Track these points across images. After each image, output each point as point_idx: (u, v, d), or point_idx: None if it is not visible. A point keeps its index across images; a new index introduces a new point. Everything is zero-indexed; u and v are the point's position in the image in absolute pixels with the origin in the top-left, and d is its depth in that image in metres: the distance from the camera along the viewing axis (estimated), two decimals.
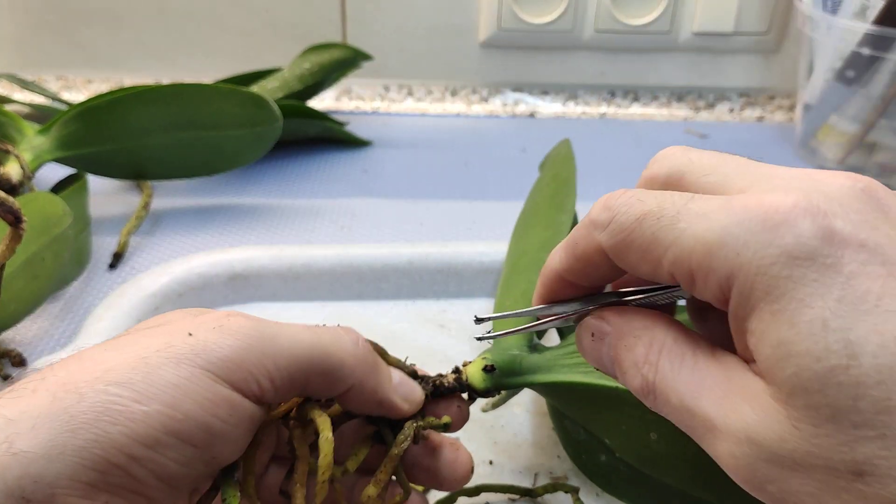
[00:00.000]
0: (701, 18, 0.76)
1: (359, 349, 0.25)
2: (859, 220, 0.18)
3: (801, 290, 0.18)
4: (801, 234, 0.18)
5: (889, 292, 0.17)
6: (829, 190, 0.19)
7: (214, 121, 0.54)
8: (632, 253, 0.21)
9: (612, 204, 0.22)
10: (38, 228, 0.43)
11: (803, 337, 0.18)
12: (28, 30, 0.78)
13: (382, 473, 0.26)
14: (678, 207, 0.20)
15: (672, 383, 0.21)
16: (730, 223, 0.19)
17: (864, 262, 0.18)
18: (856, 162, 0.68)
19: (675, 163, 0.23)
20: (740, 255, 0.19)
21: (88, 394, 0.20)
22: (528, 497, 0.35)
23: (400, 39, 0.79)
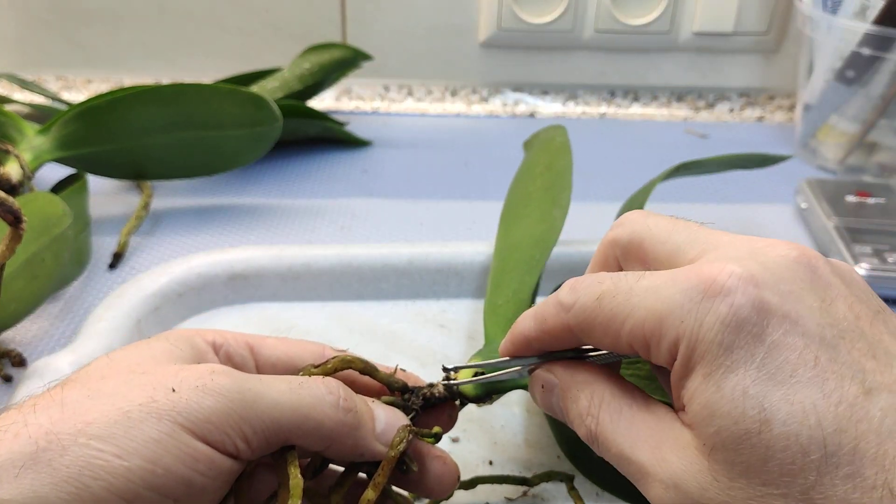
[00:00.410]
0: (701, 18, 0.76)
1: (338, 412, 0.25)
2: (787, 290, 0.20)
3: (730, 357, 0.20)
4: (734, 304, 0.20)
5: (803, 363, 0.19)
6: (765, 260, 0.21)
7: (214, 121, 0.54)
8: (595, 330, 0.23)
9: (576, 287, 0.24)
10: (38, 228, 0.43)
11: (726, 401, 0.20)
12: (28, 30, 0.78)
13: (380, 477, 0.27)
14: (631, 285, 0.22)
15: (611, 435, 0.23)
16: (675, 294, 0.21)
17: (786, 332, 0.20)
18: (856, 162, 0.68)
19: (636, 228, 0.25)
20: (684, 323, 0.21)
21: (71, 447, 0.21)
22: (524, 490, 0.35)
23: (400, 39, 0.79)
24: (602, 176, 0.67)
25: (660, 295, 0.21)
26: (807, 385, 0.19)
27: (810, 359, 0.19)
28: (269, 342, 0.29)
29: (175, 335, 0.27)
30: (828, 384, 0.19)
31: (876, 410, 0.19)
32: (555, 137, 0.50)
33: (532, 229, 0.42)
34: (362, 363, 0.28)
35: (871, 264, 0.50)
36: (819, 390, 0.19)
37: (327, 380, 0.26)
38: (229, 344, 0.28)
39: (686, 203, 0.62)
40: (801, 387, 0.19)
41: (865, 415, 0.19)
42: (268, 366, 0.29)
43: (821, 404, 0.19)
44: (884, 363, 0.20)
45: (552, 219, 0.42)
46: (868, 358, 0.20)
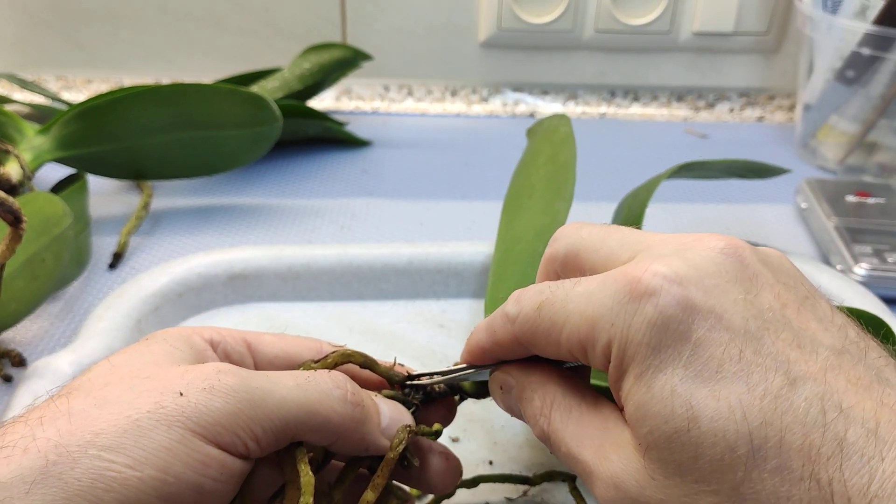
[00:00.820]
0: (701, 18, 0.76)
1: (346, 406, 0.25)
2: (712, 285, 0.21)
3: (658, 357, 0.20)
4: (659, 304, 0.20)
5: (729, 358, 0.20)
6: (691, 256, 0.21)
7: (214, 121, 0.54)
8: (538, 339, 0.24)
9: (520, 298, 0.25)
10: (38, 228, 0.43)
11: (656, 401, 0.20)
12: (28, 30, 0.78)
13: (379, 478, 0.27)
14: (567, 291, 0.23)
15: (561, 434, 0.24)
16: (605, 298, 0.22)
17: (711, 328, 0.20)
18: (856, 162, 0.68)
19: (571, 241, 0.26)
20: (614, 326, 0.21)
21: (82, 459, 0.21)
22: (524, 489, 0.35)
23: (400, 39, 0.79)
24: (602, 176, 0.67)
25: (591, 300, 0.22)
26: (732, 380, 0.19)
27: (735, 353, 0.20)
28: (267, 339, 0.29)
29: (173, 335, 0.27)
30: (752, 377, 0.19)
31: (800, 401, 0.19)
32: (559, 127, 0.49)
33: (535, 221, 0.41)
34: (362, 357, 0.29)
35: (871, 264, 0.50)
36: (744, 384, 0.19)
37: (333, 374, 0.26)
38: (227, 341, 0.28)
39: (686, 203, 0.62)
40: (727, 382, 0.19)
41: (790, 406, 0.19)
42: (265, 362, 0.29)
43: (746, 398, 0.19)
44: (808, 351, 0.20)
45: (555, 211, 0.41)
46: (793, 348, 0.20)
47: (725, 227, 0.59)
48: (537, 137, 0.51)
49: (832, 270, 0.48)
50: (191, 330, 0.28)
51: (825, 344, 0.20)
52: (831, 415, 0.19)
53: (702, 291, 0.20)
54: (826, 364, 0.20)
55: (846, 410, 0.19)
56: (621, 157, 0.71)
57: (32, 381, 0.37)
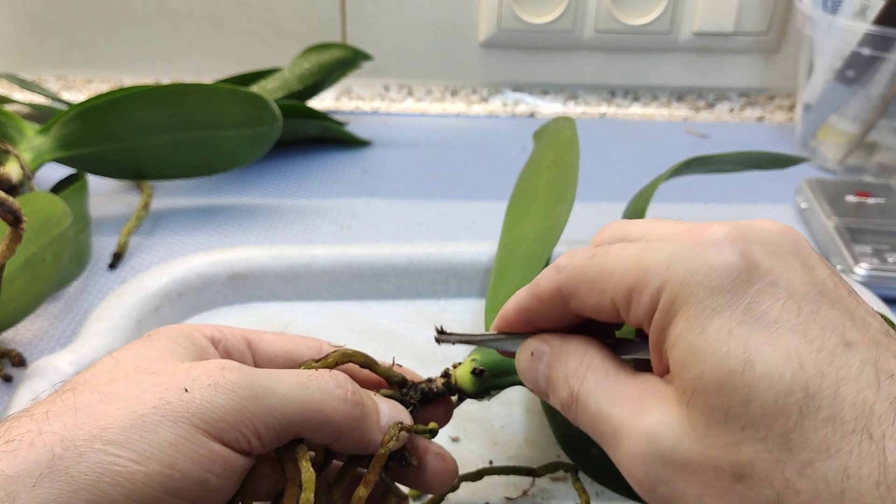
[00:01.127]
0: (701, 18, 0.76)
1: (346, 405, 0.26)
2: (773, 250, 0.21)
3: (715, 301, 0.20)
4: (722, 254, 0.20)
5: (787, 311, 0.20)
6: (756, 226, 0.22)
7: (214, 121, 0.54)
8: (581, 287, 0.24)
9: (574, 252, 0.24)
10: (38, 228, 0.43)
11: (710, 342, 0.20)
12: (28, 30, 0.78)
13: (371, 474, 0.27)
14: (623, 246, 0.23)
15: (594, 392, 0.23)
16: (664, 247, 0.22)
17: (771, 283, 0.20)
18: (856, 162, 0.68)
19: (616, 230, 0.26)
20: (670, 268, 0.21)
21: (88, 453, 0.21)
22: (524, 489, 0.35)
23: (400, 39, 0.79)
24: (602, 176, 0.67)
25: (650, 249, 0.22)
26: (790, 331, 0.19)
27: (794, 308, 0.20)
28: (267, 338, 0.29)
29: (175, 331, 0.27)
30: (810, 332, 0.19)
31: (855, 360, 0.19)
32: (563, 130, 0.49)
33: (536, 225, 0.42)
34: (362, 357, 0.29)
35: (871, 264, 0.50)
36: (802, 337, 0.19)
37: (335, 373, 0.26)
38: (227, 339, 0.28)
39: (686, 203, 0.62)
40: (785, 332, 0.19)
41: (846, 363, 0.19)
42: (265, 361, 0.29)
43: (804, 349, 0.19)
44: (860, 324, 0.20)
45: (556, 214, 0.41)
46: (847, 318, 0.20)
47: None
48: (542, 141, 0.51)
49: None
50: (192, 327, 0.28)
51: (873, 325, 0.21)
52: (884, 378, 0.19)
53: (765, 251, 0.21)
54: (876, 338, 0.20)
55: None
56: (621, 157, 0.71)
57: (32, 381, 0.37)
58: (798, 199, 0.61)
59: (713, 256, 0.20)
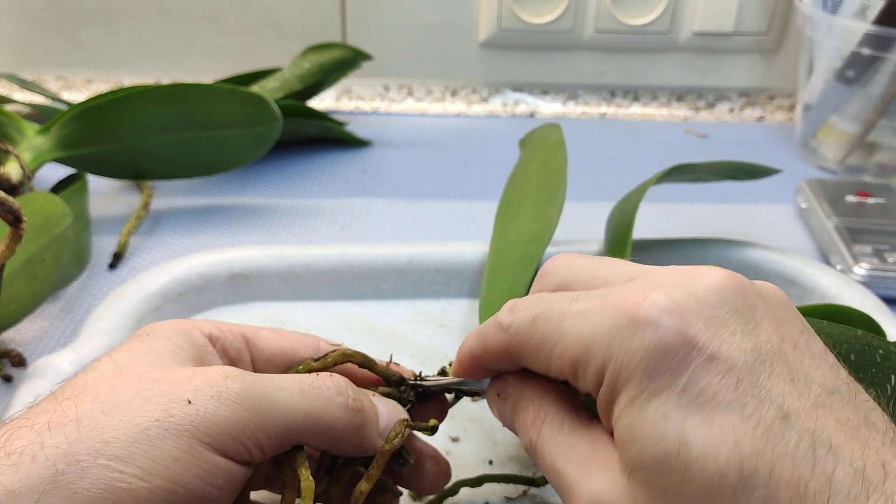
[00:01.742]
0: (701, 18, 0.76)
1: (347, 413, 0.26)
2: (712, 316, 0.21)
3: (654, 383, 0.20)
4: (658, 334, 0.20)
5: (725, 387, 0.20)
6: (691, 285, 0.21)
7: (214, 121, 0.54)
8: (528, 351, 0.24)
9: (515, 308, 0.25)
10: (38, 228, 0.43)
11: (648, 423, 0.20)
12: (28, 30, 0.78)
13: (374, 469, 0.27)
14: (563, 308, 0.23)
15: (549, 447, 0.24)
16: (602, 320, 0.22)
17: (709, 358, 0.20)
18: (856, 162, 0.68)
19: (561, 276, 0.26)
20: (610, 348, 0.21)
21: (91, 469, 0.21)
22: (524, 488, 0.35)
23: (400, 39, 0.79)
24: (602, 176, 0.67)
25: (588, 321, 0.22)
26: (726, 409, 0.19)
27: (732, 383, 0.20)
28: (265, 335, 0.29)
29: (173, 330, 0.27)
30: (747, 408, 0.19)
31: (792, 435, 0.19)
32: (550, 136, 0.50)
33: (527, 227, 0.42)
34: (361, 357, 0.29)
35: (871, 264, 0.50)
36: (738, 414, 0.19)
37: (336, 379, 0.26)
38: (225, 337, 0.28)
39: (686, 203, 0.62)
40: (721, 410, 0.19)
41: (782, 439, 0.19)
42: (262, 359, 0.29)
43: (739, 428, 0.19)
44: (802, 386, 0.20)
45: (547, 216, 0.42)
46: (787, 382, 0.20)
47: (725, 227, 0.59)
48: (529, 147, 0.52)
49: (832, 270, 0.48)
50: (191, 324, 0.28)
51: (818, 381, 0.21)
52: (821, 451, 0.19)
53: (701, 322, 0.21)
54: (818, 401, 0.20)
55: (835, 448, 0.19)
56: (621, 157, 0.71)
57: (32, 381, 0.37)
58: (798, 199, 0.61)
59: (650, 338, 0.20)
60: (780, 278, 0.48)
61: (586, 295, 0.23)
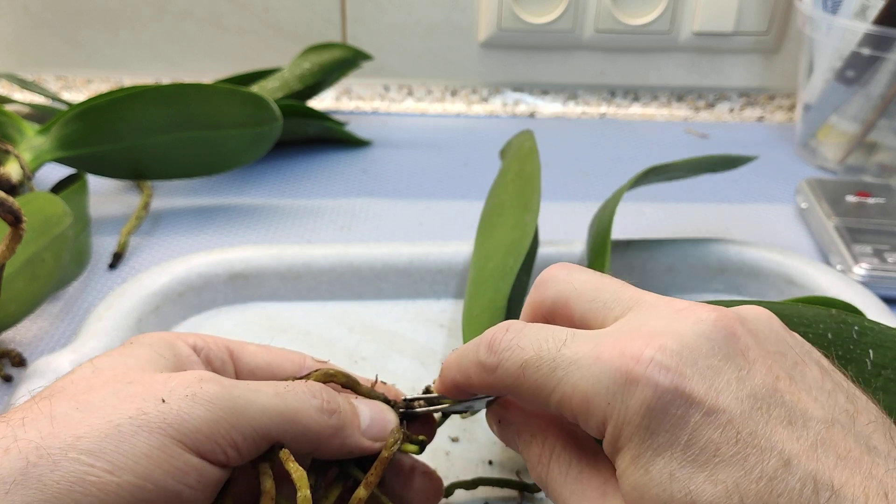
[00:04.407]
0: (701, 18, 0.76)
1: (322, 415, 0.26)
2: (706, 366, 0.21)
3: (655, 441, 0.21)
4: (656, 390, 0.20)
5: (725, 441, 0.20)
6: (684, 333, 0.22)
7: (214, 121, 0.54)
8: (521, 395, 0.24)
9: (496, 347, 0.24)
10: (38, 228, 0.43)
11: (654, 484, 0.20)
12: (28, 30, 0.78)
13: (372, 476, 0.27)
14: (553, 354, 0.23)
15: (559, 487, 0.24)
16: (599, 375, 0.22)
17: (707, 412, 0.20)
18: (856, 162, 0.68)
19: (560, 288, 0.26)
20: (610, 405, 0.21)
21: (62, 462, 0.21)
22: (525, 493, 0.35)
23: (400, 39, 0.79)
24: (602, 176, 0.67)
25: (584, 372, 0.22)
26: (729, 463, 0.20)
27: (732, 436, 0.20)
28: (250, 349, 0.29)
29: (157, 340, 0.27)
30: (749, 460, 0.20)
31: (795, 482, 0.19)
32: (523, 143, 0.50)
33: (505, 237, 0.42)
34: (344, 377, 0.29)
35: (871, 264, 0.50)
36: (741, 467, 0.20)
37: (310, 383, 0.26)
38: (210, 348, 0.28)
39: (685, 203, 0.62)
40: (724, 466, 0.20)
41: (785, 487, 0.19)
42: (246, 372, 0.29)
43: (743, 482, 0.19)
44: (800, 426, 0.20)
45: (524, 224, 0.42)
46: (786, 425, 0.20)
47: (725, 226, 0.59)
48: (507, 156, 0.52)
49: (832, 270, 0.48)
50: (175, 335, 0.28)
51: (816, 417, 0.21)
52: (824, 495, 0.19)
53: (698, 375, 0.21)
54: (817, 439, 0.20)
55: (838, 490, 0.19)
56: (621, 157, 0.71)
57: (32, 381, 0.37)
58: (798, 199, 0.61)
59: (648, 396, 0.21)
60: (780, 278, 0.49)
61: (574, 337, 0.23)
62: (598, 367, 0.22)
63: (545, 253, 0.49)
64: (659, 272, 0.50)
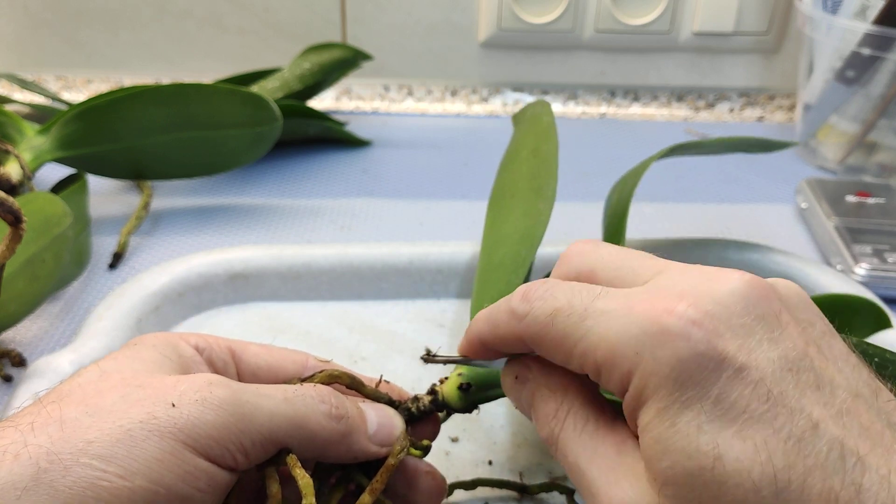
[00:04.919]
0: (701, 18, 0.76)
1: (330, 421, 0.26)
2: (739, 325, 0.21)
3: (685, 394, 0.20)
4: (689, 344, 0.20)
5: (756, 398, 0.20)
6: (717, 294, 0.21)
7: (214, 121, 0.54)
8: (546, 345, 0.23)
9: (529, 296, 0.24)
10: (38, 228, 0.43)
11: (680, 436, 0.20)
12: (28, 30, 0.78)
13: (378, 483, 0.27)
14: (585, 304, 0.22)
15: (571, 444, 0.23)
16: (629, 325, 0.21)
17: (739, 369, 0.20)
18: (856, 162, 0.68)
19: (587, 259, 0.25)
20: (639, 355, 0.21)
21: (73, 467, 0.21)
22: (524, 494, 0.35)
23: (400, 39, 0.79)
24: (602, 176, 0.67)
25: (613, 323, 0.22)
26: (758, 421, 0.19)
27: (763, 394, 0.20)
28: (252, 349, 0.29)
29: (160, 341, 0.27)
30: (778, 419, 0.19)
31: (822, 445, 0.19)
32: (542, 116, 0.47)
33: (518, 224, 0.40)
34: (349, 378, 0.29)
35: (871, 264, 0.50)
36: (770, 426, 0.19)
37: (319, 387, 0.26)
38: (212, 349, 0.28)
39: (685, 203, 0.62)
40: (754, 423, 0.20)
41: (812, 449, 0.19)
42: (248, 373, 0.29)
43: (771, 440, 0.19)
44: (828, 393, 0.20)
45: (538, 212, 0.40)
46: (814, 390, 0.20)
47: (725, 227, 0.59)
48: (522, 126, 0.49)
49: (832, 270, 0.48)
50: (177, 336, 0.28)
51: (842, 385, 0.21)
52: (850, 461, 0.19)
53: (730, 332, 0.20)
54: (843, 407, 0.20)
55: (863, 457, 0.19)
56: (621, 157, 0.71)
57: (32, 381, 0.37)
58: (798, 199, 0.61)
59: (681, 349, 0.20)
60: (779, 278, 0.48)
61: (608, 293, 0.23)
62: (630, 318, 0.21)
63: (545, 253, 0.48)
64: None
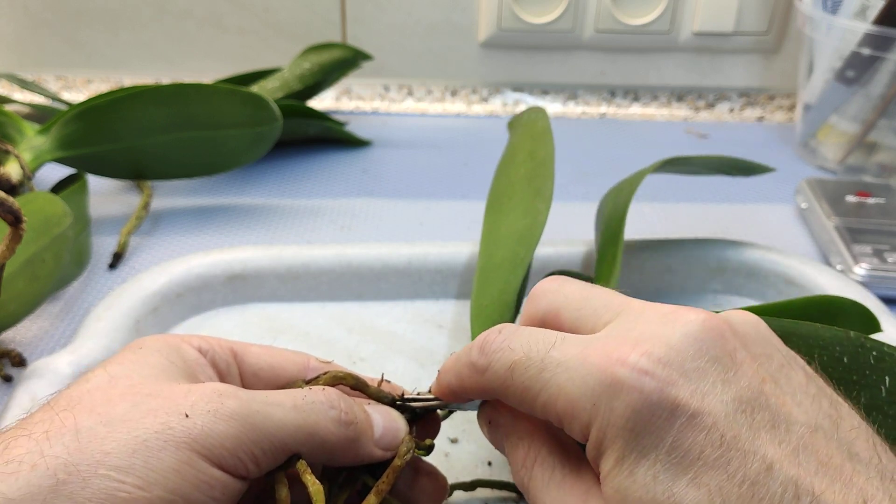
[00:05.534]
0: (701, 18, 0.76)
1: (340, 427, 0.26)
2: (693, 368, 0.21)
3: (640, 444, 0.21)
4: (642, 395, 0.21)
5: (710, 444, 0.20)
6: (671, 335, 0.22)
7: (214, 121, 0.54)
8: (509, 397, 0.24)
9: (486, 349, 0.25)
10: (38, 228, 0.43)
11: (638, 486, 0.20)
12: (28, 30, 0.78)
13: (384, 484, 0.27)
14: (542, 355, 0.23)
15: (540, 493, 0.24)
16: (586, 377, 0.22)
17: (692, 415, 0.20)
18: (856, 162, 0.68)
19: (552, 299, 0.26)
20: (595, 406, 0.21)
21: (92, 479, 0.21)
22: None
23: (400, 39, 0.79)
24: (602, 176, 0.67)
25: (570, 374, 0.22)
26: (712, 467, 0.20)
27: (716, 439, 0.20)
28: (254, 350, 0.29)
29: (164, 345, 0.27)
30: (732, 464, 0.20)
31: (776, 486, 0.19)
32: (537, 121, 0.48)
33: (516, 224, 0.41)
34: (353, 379, 0.29)
35: (871, 264, 0.50)
36: (724, 471, 0.20)
37: (328, 392, 0.26)
38: (214, 350, 0.28)
39: (685, 203, 0.62)
40: (707, 469, 0.20)
41: (767, 492, 0.19)
42: (250, 374, 0.29)
43: (725, 485, 0.19)
44: (783, 431, 0.21)
45: (536, 212, 0.40)
46: (769, 429, 0.20)
47: (725, 227, 0.59)
48: (517, 131, 0.50)
49: (832, 270, 0.48)
50: (180, 339, 0.28)
51: (799, 421, 0.21)
52: (805, 500, 0.19)
53: (683, 378, 0.21)
54: (799, 444, 0.20)
55: (818, 496, 0.19)
56: (621, 157, 0.71)
57: (32, 381, 0.37)
58: (798, 199, 0.61)
59: (634, 399, 0.21)
60: (780, 278, 0.48)
61: (564, 340, 0.23)
62: (585, 369, 0.22)
63: (545, 253, 0.49)
64: (658, 272, 0.50)
